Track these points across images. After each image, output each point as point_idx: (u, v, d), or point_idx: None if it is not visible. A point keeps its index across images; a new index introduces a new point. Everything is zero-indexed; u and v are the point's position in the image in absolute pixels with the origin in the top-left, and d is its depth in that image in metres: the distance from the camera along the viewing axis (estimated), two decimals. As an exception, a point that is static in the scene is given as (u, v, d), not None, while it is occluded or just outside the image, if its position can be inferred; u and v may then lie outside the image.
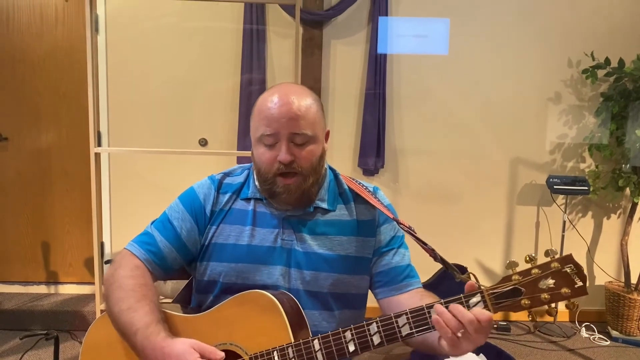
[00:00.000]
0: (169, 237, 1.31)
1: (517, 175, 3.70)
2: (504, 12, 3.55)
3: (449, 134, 3.64)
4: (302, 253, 1.29)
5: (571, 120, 3.65)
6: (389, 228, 1.37)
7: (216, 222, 1.32)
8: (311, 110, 1.25)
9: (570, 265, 0.98)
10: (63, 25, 3.52)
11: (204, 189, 1.36)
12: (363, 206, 1.36)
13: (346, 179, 1.41)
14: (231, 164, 3.42)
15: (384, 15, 3.47)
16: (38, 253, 3.73)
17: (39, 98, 3.59)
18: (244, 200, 1.34)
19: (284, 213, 1.31)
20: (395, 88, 3.58)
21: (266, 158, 1.24)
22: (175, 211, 1.34)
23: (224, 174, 1.40)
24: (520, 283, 1.00)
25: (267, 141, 1.24)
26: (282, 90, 1.27)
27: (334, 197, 1.36)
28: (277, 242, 1.29)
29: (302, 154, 1.24)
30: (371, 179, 3.63)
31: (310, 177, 1.26)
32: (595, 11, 3.55)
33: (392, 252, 1.36)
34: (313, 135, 1.25)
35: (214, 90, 3.54)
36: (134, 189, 3.59)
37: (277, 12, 3.47)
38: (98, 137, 2.92)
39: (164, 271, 1.32)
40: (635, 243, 3.57)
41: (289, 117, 1.21)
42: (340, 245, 1.31)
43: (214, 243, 1.31)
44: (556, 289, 0.98)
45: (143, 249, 1.30)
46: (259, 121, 1.25)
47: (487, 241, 3.75)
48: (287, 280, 1.28)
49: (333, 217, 1.34)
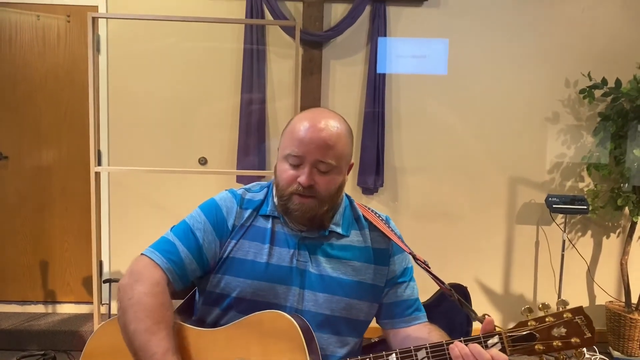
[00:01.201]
0: (191, 247, 1.29)
1: (516, 194, 3.71)
2: (501, 33, 3.59)
3: (448, 153, 3.66)
4: (317, 275, 1.30)
5: (569, 139, 3.67)
6: (401, 259, 1.39)
7: (237, 237, 1.32)
8: (341, 141, 1.27)
9: (581, 316, 1.05)
10: (65, 45, 3.56)
11: (227, 203, 1.36)
12: (376, 234, 1.38)
13: (360, 206, 1.43)
14: (230, 183, 3.45)
15: (382, 35, 3.51)
16: (36, 272, 3.71)
17: (40, 117, 3.61)
18: (263, 217, 1.35)
19: (299, 234, 1.32)
20: (394, 107, 3.61)
21: (287, 175, 1.26)
22: (197, 221, 1.33)
23: (244, 189, 1.41)
24: (536, 329, 1.06)
25: (293, 161, 1.26)
26: (319, 116, 1.29)
27: (349, 223, 1.37)
28: (293, 262, 1.30)
29: (323, 182, 1.26)
30: (370, 198, 3.63)
31: (326, 204, 1.28)
32: (591, 32, 3.59)
33: (404, 285, 1.39)
34: (337, 166, 1.27)
35: (214, 109, 3.57)
36: (133, 207, 3.59)
37: (277, 33, 3.51)
38: (98, 156, 2.94)
39: (182, 282, 1.29)
40: (635, 262, 3.57)
41: (318, 145, 1.23)
42: (354, 270, 1.32)
43: (232, 257, 1.31)
44: (567, 337, 1.05)
45: (165, 257, 1.27)
46: (289, 140, 1.27)
47: (487, 260, 3.74)
48: (300, 302, 1.28)
49: (348, 242, 1.35)
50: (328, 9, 3.52)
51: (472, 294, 3.43)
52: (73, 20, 3.53)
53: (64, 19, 3.53)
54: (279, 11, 3.40)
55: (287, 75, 3.53)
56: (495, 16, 3.57)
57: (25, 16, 3.53)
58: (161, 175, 3.51)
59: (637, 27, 3.59)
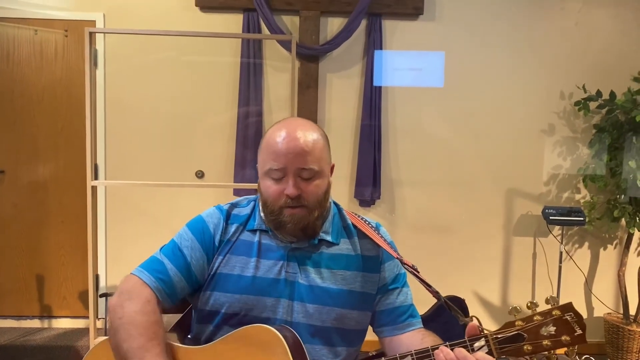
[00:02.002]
0: (179, 265, 1.30)
1: (513, 206, 3.71)
2: (497, 46, 3.61)
3: (444, 165, 3.67)
4: (306, 286, 1.29)
5: (565, 151, 3.68)
6: (392, 265, 1.38)
7: (223, 252, 1.32)
8: (318, 145, 1.27)
9: (571, 313, 1.03)
10: (62, 59, 3.57)
11: (214, 219, 1.36)
12: (366, 241, 1.37)
13: (349, 214, 1.42)
14: (227, 196, 3.45)
15: (378, 49, 3.53)
16: (32, 286, 3.69)
17: (37, 131, 3.61)
18: (250, 231, 1.35)
19: (288, 245, 1.31)
20: (391, 120, 3.62)
21: (273, 191, 1.26)
22: (185, 239, 1.33)
23: (231, 204, 1.41)
24: (522, 329, 1.03)
25: (275, 175, 1.26)
26: (290, 125, 1.29)
27: (338, 231, 1.37)
28: (281, 274, 1.29)
29: (309, 189, 1.26)
30: (368, 210, 3.63)
31: (316, 210, 1.28)
32: (585, 45, 3.62)
33: (396, 291, 1.37)
34: (319, 170, 1.27)
35: (211, 122, 3.58)
36: (130, 221, 3.58)
37: (274, 47, 3.53)
38: (95, 169, 2.93)
39: (172, 301, 1.30)
40: (633, 274, 3.56)
41: (297, 153, 1.23)
42: (344, 280, 1.32)
43: (220, 273, 1.31)
44: (557, 336, 1.02)
45: (154, 276, 1.27)
46: (267, 155, 1.27)
47: (484, 272, 3.74)
48: (290, 314, 1.28)
49: (337, 250, 1.34)
50: (324, 23, 3.55)
51: (469, 306, 3.44)
52: (71, 35, 3.55)
53: (62, 34, 3.55)
54: (276, 25, 3.42)
55: (283, 88, 3.55)
56: (491, 30, 3.60)
57: (23, 31, 3.54)
58: (158, 189, 3.51)
59: (630, 40, 3.62)
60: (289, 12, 3.53)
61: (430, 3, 3.55)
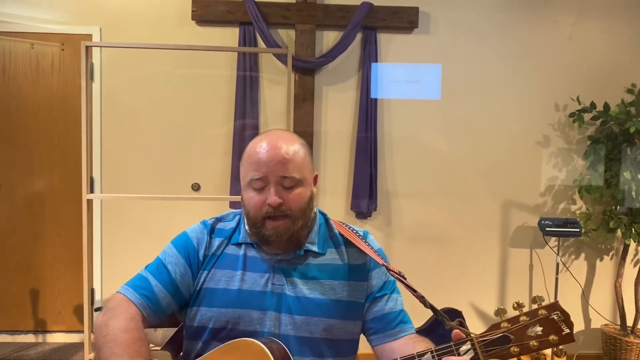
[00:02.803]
0: (164, 281, 1.30)
1: (509, 217, 3.72)
2: (491, 59, 3.64)
3: (440, 177, 3.67)
4: (293, 298, 1.28)
5: (560, 162, 3.70)
6: (380, 273, 1.37)
7: (208, 267, 1.32)
8: (299, 154, 1.27)
9: (557, 312, 1.01)
10: (59, 73, 3.58)
11: (197, 234, 1.36)
12: (353, 250, 1.37)
13: (336, 224, 1.42)
14: (224, 209, 3.43)
15: (374, 61, 3.55)
16: (26, 300, 3.67)
17: (33, 144, 3.61)
18: (235, 245, 1.34)
19: (274, 257, 1.31)
20: (387, 132, 3.64)
21: (255, 202, 1.26)
22: (169, 255, 1.34)
23: (216, 219, 1.41)
24: (509, 330, 1.01)
25: (256, 185, 1.26)
26: (270, 136, 1.30)
27: (324, 241, 1.37)
28: (268, 286, 1.29)
29: (291, 197, 1.25)
30: (364, 222, 3.63)
31: (300, 220, 1.27)
32: (579, 58, 3.65)
33: (385, 297, 1.36)
34: (301, 178, 1.27)
35: (208, 135, 3.58)
36: (125, 234, 3.57)
37: (270, 60, 3.55)
38: (91, 183, 2.93)
39: (158, 317, 1.30)
40: (629, 285, 3.56)
41: (277, 161, 1.24)
42: (332, 289, 1.31)
43: (205, 288, 1.31)
44: (544, 336, 1.00)
45: (138, 293, 1.27)
46: (248, 166, 1.27)
47: (481, 284, 3.73)
48: (278, 326, 1.27)
49: (324, 260, 1.34)
50: (320, 36, 3.57)
51: (467, 318, 3.43)
52: (67, 49, 3.56)
53: (58, 47, 3.56)
54: (272, 39, 3.44)
55: (280, 101, 3.56)
56: (485, 43, 3.63)
57: (20, 44, 3.55)
58: (154, 202, 3.50)
59: (622, 53, 3.66)
60: (285, 26, 3.55)
61: (425, 17, 3.58)
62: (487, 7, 3.62)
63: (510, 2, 3.62)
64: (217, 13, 3.48)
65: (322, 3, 3.55)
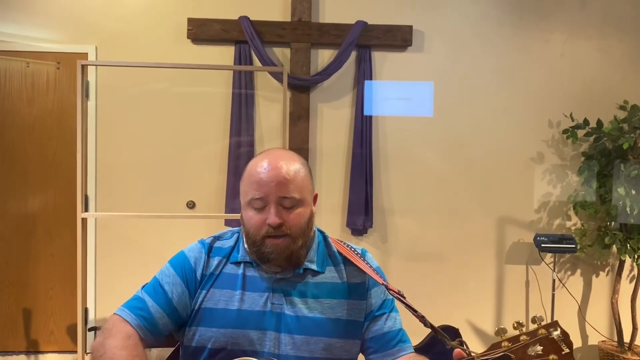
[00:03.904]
0: (160, 301, 1.29)
1: (504, 234, 3.72)
2: (485, 77, 3.68)
3: (436, 193, 3.68)
4: (293, 317, 1.28)
5: (555, 179, 3.71)
6: (379, 291, 1.37)
7: (206, 287, 1.31)
8: (299, 174, 1.28)
9: (557, 331, 1.01)
10: (54, 91, 3.58)
11: (195, 253, 1.35)
12: (352, 268, 1.36)
13: (335, 242, 1.41)
14: (219, 226, 3.43)
15: (368, 79, 3.58)
16: (19, 320, 3.62)
17: (27, 162, 3.59)
18: (234, 264, 1.34)
19: (273, 276, 1.30)
20: (382, 149, 3.65)
21: (255, 221, 1.26)
22: (166, 275, 1.33)
23: (214, 237, 1.40)
24: (509, 349, 1.01)
25: (257, 205, 1.26)
26: (271, 155, 1.30)
27: (323, 259, 1.36)
28: (267, 306, 1.28)
29: (291, 217, 1.25)
30: (360, 239, 3.62)
31: (299, 239, 1.27)
32: (571, 75, 3.69)
33: (384, 316, 1.35)
34: (301, 198, 1.27)
35: (203, 153, 3.58)
36: (120, 253, 3.54)
37: (266, 78, 3.57)
38: (85, 201, 2.92)
39: (155, 337, 1.28)
40: (626, 301, 3.56)
41: (278, 181, 1.24)
42: (331, 308, 1.30)
43: (204, 308, 1.30)
44: (544, 355, 1.00)
45: (134, 314, 1.26)
46: (249, 185, 1.27)
47: (478, 301, 3.72)
48: (277, 346, 1.26)
49: (323, 279, 1.33)
50: (315, 55, 3.60)
51: (463, 335, 3.41)
52: (63, 67, 3.56)
53: (54, 66, 3.56)
54: (267, 57, 3.47)
55: (275, 118, 3.57)
56: (478, 61, 3.67)
57: (15, 63, 3.56)
58: (149, 220, 3.48)
59: (614, 70, 3.70)
60: (280, 44, 3.58)
61: (419, 35, 3.62)
62: (480, 26, 3.66)
63: (503, 20, 3.67)
64: (213, 32, 3.51)
65: (317, 22, 3.58)
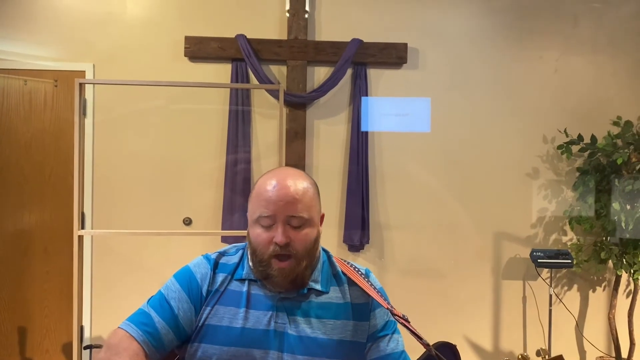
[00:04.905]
0: (167, 317, 1.28)
1: (501, 249, 3.72)
2: (480, 93, 3.71)
3: (432, 209, 3.69)
4: (296, 337, 1.27)
5: (550, 194, 3.73)
6: (382, 312, 1.37)
7: (211, 303, 1.31)
8: (308, 194, 1.28)
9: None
10: (51, 109, 3.59)
11: (201, 269, 1.35)
12: (356, 289, 1.36)
13: (339, 261, 1.41)
14: (216, 243, 3.43)
15: (364, 96, 3.61)
16: (13, 338, 3.59)
17: (23, 180, 3.59)
18: (239, 281, 1.33)
19: (277, 295, 1.30)
20: (378, 165, 3.67)
21: (262, 239, 1.26)
22: (172, 290, 1.32)
23: (219, 253, 1.40)
24: None
25: (265, 223, 1.26)
26: (281, 174, 1.30)
27: (328, 279, 1.36)
28: (271, 325, 1.28)
29: (298, 237, 1.25)
30: (357, 255, 3.62)
31: (305, 260, 1.27)
32: (565, 91, 3.73)
33: (386, 338, 1.35)
34: (309, 218, 1.27)
35: (200, 169, 3.59)
36: (116, 270, 3.53)
37: (262, 95, 3.59)
38: (82, 218, 2.91)
39: (159, 353, 1.27)
40: (623, 316, 3.56)
41: (287, 201, 1.24)
42: (334, 329, 1.30)
43: (208, 324, 1.29)
44: None
45: (140, 329, 1.25)
46: (257, 203, 1.27)
47: (475, 317, 3.71)
48: None
49: (327, 299, 1.33)
50: (311, 72, 3.63)
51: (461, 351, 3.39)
52: (60, 85, 3.58)
53: (52, 84, 3.58)
54: (264, 74, 3.49)
55: (272, 135, 3.59)
56: (473, 78, 3.70)
57: (13, 81, 3.57)
58: (145, 237, 3.48)
59: (607, 86, 3.74)
60: (277, 62, 3.61)
61: (413, 52, 3.66)
62: (473, 44, 3.71)
63: (496, 38, 3.71)
64: (210, 50, 3.54)
65: (313, 40, 3.62)
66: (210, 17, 3.59)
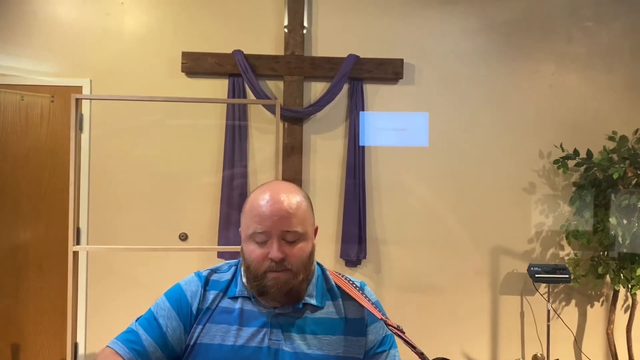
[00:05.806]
0: (155, 335, 1.26)
1: (498, 264, 3.71)
2: (475, 108, 3.72)
3: (429, 224, 3.68)
4: (292, 354, 1.25)
5: (547, 209, 3.73)
6: (378, 327, 1.35)
7: (202, 321, 1.29)
8: (301, 207, 1.27)
9: None
10: (48, 124, 3.59)
11: (191, 287, 1.33)
12: (351, 303, 1.35)
13: (333, 275, 1.40)
14: (212, 259, 3.41)
15: (360, 110, 3.62)
16: (6, 355, 3.55)
17: (19, 195, 3.57)
18: (231, 298, 1.31)
19: (272, 311, 1.28)
20: (375, 179, 3.66)
21: (257, 255, 1.24)
22: (161, 308, 1.31)
23: (210, 270, 1.38)
24: None
25: (259, 239, 1.24)
26: (273, 188, 1.29)
27: (322, 293, 1.35)
28: (264, 342, 1.26)
29: (293, 252, 1.24)
30: (354, 270, 3.61)
31: (300, 274, 1.25)
32: (561, 105, 3.75)
33: (383, 354, 1.34)
34: (303, 232, 1.26)
35: (196, 184, 3.58)
36: (111, 286, 3.51)
37: (259, 109, 3.60)
38: (77, 234, 2.90)
39: None
40: (621, 331, 3.54)
41: (281, 215, 1.23)
42: (329, 345, 1.28)
43: (200, 343, 1.27)
44: None
45: (127, 347, 1.24)
46: (251, 219, 1.26)
47: (473, 332, 3.69)
48: None
49: (322, 314, 1.31)
50: (308, 87, 3.64)
51: (459, 368, 3.37)
52: (57, 100, 3.58)
53: (48, 99, 3.58)
54: (260, 89, 3.50)
55: (268, 150, 3.59)
56: (468, 93, 3.72)
57: (10, 96, 3.57)
58: (141, 253, 3.46)
59: (602, 101, 3.76)
60: (273, 77, 3.62)
61: (410, 68, 3.68)
62: (469, 59, 3.73)
63: (492, 53, 3.74)
64: (207, 65, 3.55)
65: (309, 55, 3.64)
66: (207, 32, 3.61)
